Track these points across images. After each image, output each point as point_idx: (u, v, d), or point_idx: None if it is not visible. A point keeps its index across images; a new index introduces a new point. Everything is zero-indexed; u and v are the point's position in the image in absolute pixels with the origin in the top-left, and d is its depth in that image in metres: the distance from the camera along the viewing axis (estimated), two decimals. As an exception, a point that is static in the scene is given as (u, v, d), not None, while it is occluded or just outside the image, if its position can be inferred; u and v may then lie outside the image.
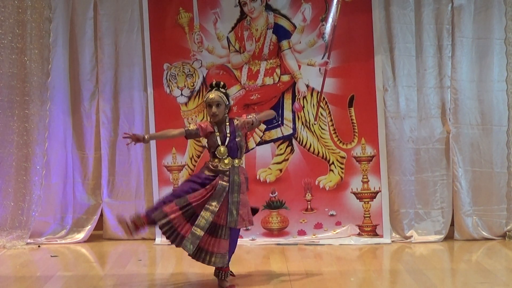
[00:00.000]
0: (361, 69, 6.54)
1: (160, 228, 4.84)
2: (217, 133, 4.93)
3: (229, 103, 5.01)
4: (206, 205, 4.81)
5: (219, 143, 4.90)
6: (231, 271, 5.02)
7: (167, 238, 4.85)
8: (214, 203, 4.81)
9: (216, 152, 4.91)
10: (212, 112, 4.92)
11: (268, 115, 5.24)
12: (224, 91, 5.00)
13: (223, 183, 4.85)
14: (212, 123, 4.98)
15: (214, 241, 4.80)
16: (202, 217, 4.78)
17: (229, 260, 4.92)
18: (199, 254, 4.81)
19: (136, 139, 4.93)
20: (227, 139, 4.91)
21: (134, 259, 5.97)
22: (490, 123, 6.54)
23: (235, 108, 6.60)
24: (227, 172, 4.88)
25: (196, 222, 4.77)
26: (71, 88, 6.78)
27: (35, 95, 6.55)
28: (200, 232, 4.76)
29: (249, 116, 4.99)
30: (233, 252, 4.99)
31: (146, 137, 4.96)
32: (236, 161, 4.92)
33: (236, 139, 4.92)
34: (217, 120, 4.95)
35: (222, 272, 4.93)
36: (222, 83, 5.02)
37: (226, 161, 4.89)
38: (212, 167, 4.91)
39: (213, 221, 4.80)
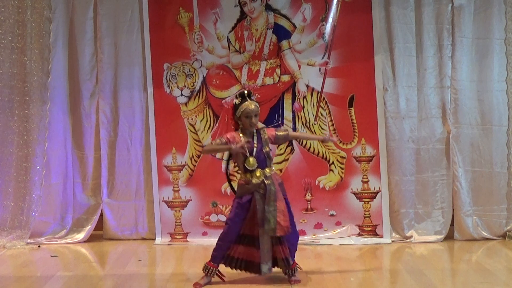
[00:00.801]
0: (361, 69, 6.54)
1: (231, 268, 5.06)
2: (246, 144, 4.94)
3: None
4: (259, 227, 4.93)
5: (247, 154, 4.93)
6: (298, 265, 5.16)
7: (245, 270, 5.06)
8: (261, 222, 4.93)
9: (245, 164, 4.93)
10: (251, 123, 4.96)
11: (307, 137, 5.37)
12: (255, 99, 5.10)
13: (260, 190, 4.91)
14: (239, 133, 5.02)
15: (275, 248, 4.97)
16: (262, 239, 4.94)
17: (293, 256, 5.08)
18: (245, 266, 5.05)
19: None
20: (255, 149, 4.94)
21: (134, 259, 5.97)
22: (490, 123, 6.54)
23: (235, 108, 6.61)
24: (262, 185, 4.90)
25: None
26: (71, 88, 6.78)
27: (35, 95, 6.55)
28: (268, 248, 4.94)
29: (279, 133, 5.08)
30: (295, 248, 5.13)
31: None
32: (267, 170, 4.95)
33: (264, 150, 4.95)
34: (250, 130, 4.99)
35: (289, 270, 5.05)
36: (251, 91, 5.11)
37: (257, 173, 4.92)
38: (245, 183, 4.95)
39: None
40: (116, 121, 6.74)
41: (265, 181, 4.91)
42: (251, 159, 4.90)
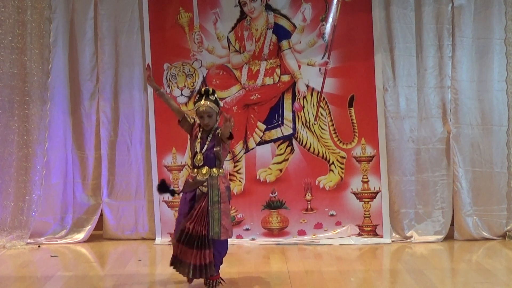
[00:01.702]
0: (361, 69, 6.54)
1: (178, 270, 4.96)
2: (199, 140, 4.87)
3: (219, 111, 4.92)
4: (190, 223, 4.81)
5: (197, 149, 4.85)
6: (221, 278, 4.96)
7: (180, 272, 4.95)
8: (196, 221, 4.78)
9: (194, 160, 4.86)
10: (204, 124, 4.85)
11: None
12: (214, 98, 4.89)
13: (203, 188, 4.82)
14: (200, 127, 4.93)
15: (196, 252, 4.75)
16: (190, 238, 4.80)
17: (217, 268, 4.88)
18: (181, 267, 4.85)
19: (152, 80, 5.01)
20: (205, 146, 4.84)
21: (134, 259, 5.97)
22: (490, 123, 6.54)
23: (235, 108, 6.62)
24: (205, 183, 4.82)
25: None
26: (71, 88, 6.78)
27: (35, 95, 6.55)
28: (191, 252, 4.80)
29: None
30: (221, 259, 4.95)
31: (160, 89, 5.04)
32: (214, 170, 4.85)
33: (215, 148, 4.83)
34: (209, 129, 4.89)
35: (211, 281, 4.88)
36: (211, 89, 4.90)
37: (203, 171, 4.83)
38: (190, 180, 4.87)
39: (195, 231, 4.75)
40: (116, 121, 6.74)
41: (210, 180, 4.83)
42: (199, 155, 4.82)
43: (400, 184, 6.54)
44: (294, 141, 6.61)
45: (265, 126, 6.61)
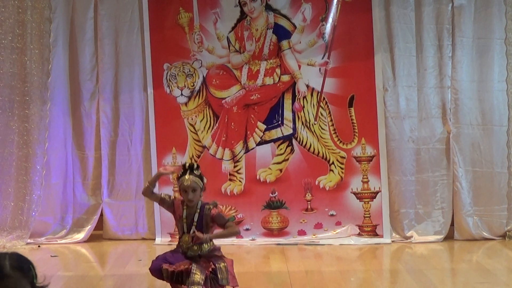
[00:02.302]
0: (361, 69, 6.54)
1: None
2: (184, 219, 4.52)
3: (203, 187, 4.58)
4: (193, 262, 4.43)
5: (185, 230, 4.50)
6: None
7: None
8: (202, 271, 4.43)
9: (180, 241, 4.53)
10: (188, 199, 4.50)
11: (232, 233, 4.70)
12: (198, 173, 4.55)
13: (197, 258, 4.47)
14: (183, 205, 4.56)
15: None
16: (194, 273, 4.35)
17: None
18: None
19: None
20: (193, 227, 4.48)
21: (134, 259, 5.96)
22: (490, 123, 6.54)
23: (235, 108, 6.61)
24: (197, 258, 4.45)
25: (190, 279, 4.34)
26: (71, 88, 6.78)
27: (35, 95, 6.55)
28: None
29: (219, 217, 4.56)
30: None
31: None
32: (205, 246, 4.48)
33: (203, 229, 4.46)
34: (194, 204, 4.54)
35: None
36: (195, 164, 4.58)
37: (195, 247, 4.46)
38: (181, 250, 4.51)
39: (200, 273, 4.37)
40: (117, 121, 6.74)
41: (200, 255, 4.44)
42: (186, 236, 4.48)
43: (400, 184, 6.54)
44: (294, 141, 6.61)
45: (265, 126, 6.61)
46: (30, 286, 2.10)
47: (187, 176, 4.51)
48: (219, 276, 4.44)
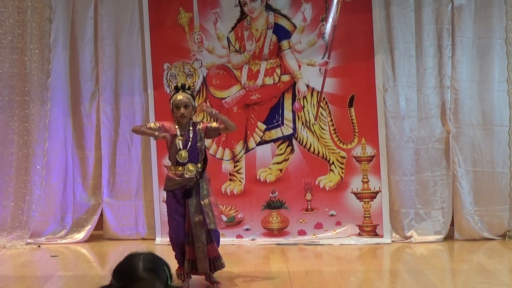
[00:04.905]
0: (361, 69, 6.54)
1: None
2: (180, 137, 4.90)
3: (195, 105, 5.03)
4: (192, 220, 4.86)
5: (181, 147, 4.87)
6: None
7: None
8: (197, 215, 4.86)
9: (177, 157, 4.88)
10: (180, 114, 4.89)
11: (230, 125, 5.03)
12: (190, 93, 5.00)
13: (191, 184, 4.86)
14: (175, 125, 4.97)
15: (208, 247, 4.87)
16: (197, 234, 4.86)
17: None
18: (200, 264, 4.88)
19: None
20: (189, 143, 4.88)
21: (134, 259, 5.95)
22: (491, 123, 6.53)
23: (235, 108, 6.61)
24: (194, 179, 4.86)
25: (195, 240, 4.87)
26: (72, 88, 6.77)
27: (35, 95, 6.55)
28: (203, 247, 4.85)
29: (210, 125, 4.99)
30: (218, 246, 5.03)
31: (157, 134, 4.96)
32: (199, 165, 4.91)
33: (198, 144, 4.89)
34: (186, 121, 4.93)
35: (213, 272, 4.98)
36: (187, 85, 5.03)
37: (190, 167, 4.86)
38: (176, 177, 4.88)
39: (199, 227, 4.86)
40: (117, 121, 6.74)
41: (197, 176, 4.86)
42: (183, 152, 4.85)
43: (400, 184, 6.54)
44: (294, 141, 6.61)
45: (265, 126, 6.61)
46: None
47: (179, 93, 4.92)
48: (207, 221, 4.81)
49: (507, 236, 6.49)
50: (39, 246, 6.50)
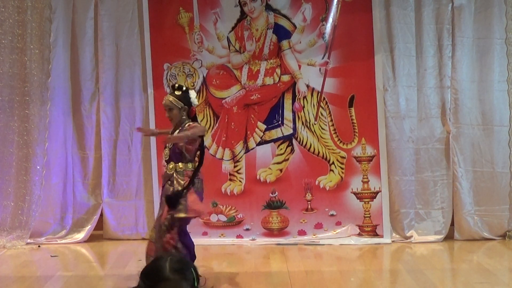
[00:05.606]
0: (361, 69, 6.54)
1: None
2: (169, 135, 4.97)
3: (184, 105, 4.93)
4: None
5: (166, 144, 4.94)
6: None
7: None
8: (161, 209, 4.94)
9: (163, 153, 4.98)
10: (168, 116, 4.98)
11: (194, 132, 4.92)
12: (180, 93, 4.93)
13: (167, 185, 4.90)
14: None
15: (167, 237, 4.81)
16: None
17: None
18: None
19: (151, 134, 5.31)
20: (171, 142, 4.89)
21: (134, 259, 5.96)
22: (491, 123, 6.54)
23: (235, 108, 6.61)
24: (172, 178, 4.88)
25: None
26: (72, 88, 6.77)
27: (36, 95, 6.55)
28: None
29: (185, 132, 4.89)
30: (192, 251, 4.90)
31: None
32: (180, 165, 4.88)
33: (179, 144, 4.86)
34: (175, 123, 4.98)
35: None
36: (177, 85, 5.01)
37: (170, 166, 4.90)
38: (163, 174, 5.00)
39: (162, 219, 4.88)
40: (117, 121, 6.74)
41: (175, 175, 4.86)
42: (166, 150, 4.93)
43: (400, 184, 6.54)
44: (294, 141, 6.61)
45: (265, 126, 6.61)
46: None
47: (168, 95, 4.98)
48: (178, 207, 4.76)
49: (507, 236, 6.49)
50: (39, 246, 6.50)
